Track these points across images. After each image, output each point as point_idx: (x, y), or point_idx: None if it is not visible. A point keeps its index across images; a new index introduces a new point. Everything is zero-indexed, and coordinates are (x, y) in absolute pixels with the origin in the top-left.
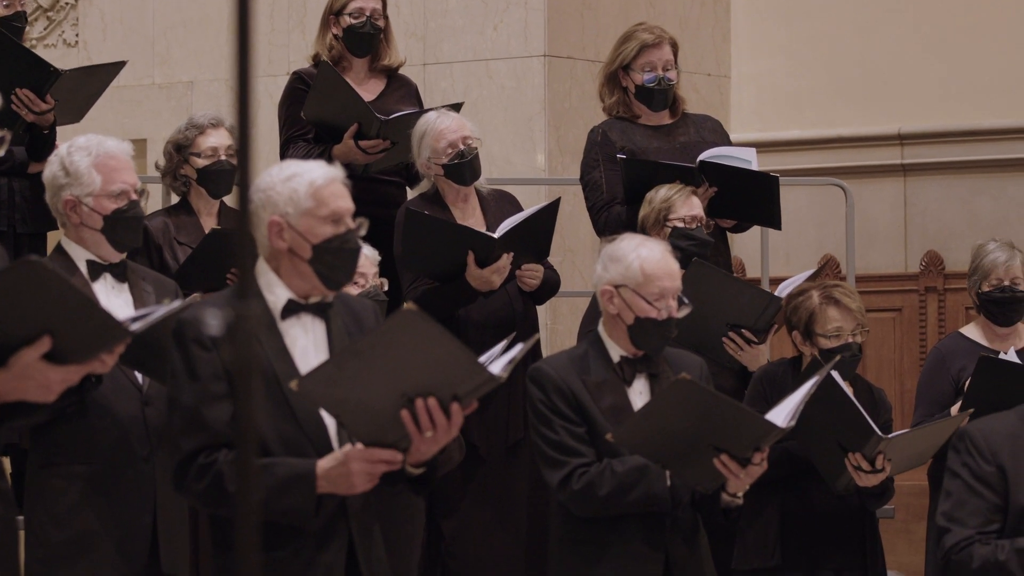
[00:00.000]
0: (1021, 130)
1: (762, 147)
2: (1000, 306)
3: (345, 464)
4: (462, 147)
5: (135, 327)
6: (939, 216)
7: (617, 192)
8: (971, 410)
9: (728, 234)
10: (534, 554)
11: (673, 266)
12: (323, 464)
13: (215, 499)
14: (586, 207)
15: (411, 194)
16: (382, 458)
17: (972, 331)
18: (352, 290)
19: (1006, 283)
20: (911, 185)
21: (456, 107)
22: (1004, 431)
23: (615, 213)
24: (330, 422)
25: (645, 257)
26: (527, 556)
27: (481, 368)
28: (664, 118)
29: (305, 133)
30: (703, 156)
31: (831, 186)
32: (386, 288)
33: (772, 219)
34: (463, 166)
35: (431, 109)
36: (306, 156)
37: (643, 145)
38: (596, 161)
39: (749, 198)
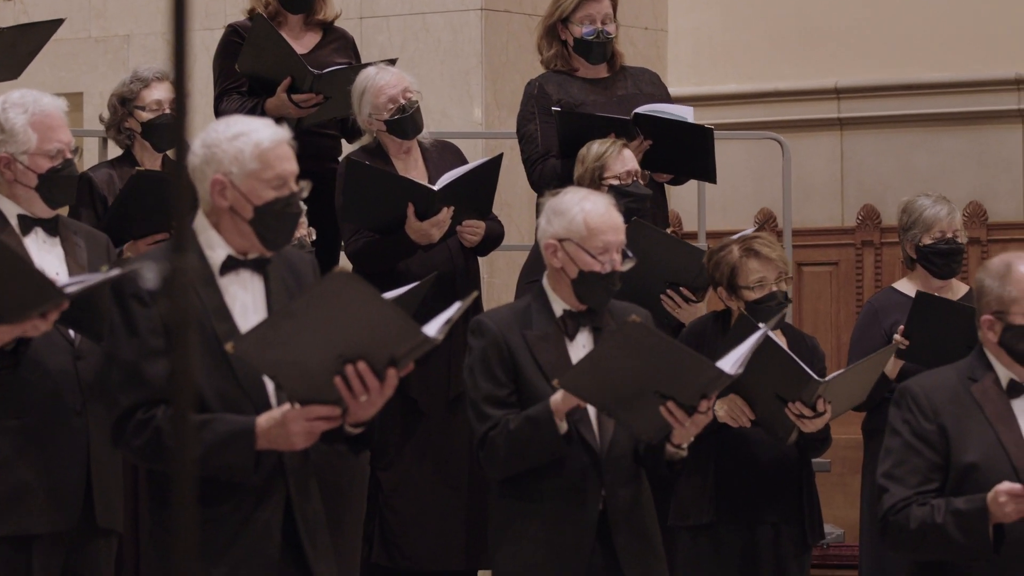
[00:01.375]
0: (957, 84)
1: (699, 101)
2: (944, 257)
3: (284, 422)
4: (403, 101)
5: (71, 291)
6: (876, 170)
7: (552, 145)
8: (900, 339)
9: (665, 187)
10: (474, 507)
11: (617, 219)
12: (262, 421)
13: (153, 455)
14: (521, 160)
15: (351, 148)
16: (320, 415)
17: (905, 286)
18: None
19: (949, 235)
20: (848, 139)
21: (391, 63)
22: (944, 387)
23: (550, 166)
24: (267, 382)
25: (589, 211)
26: (467, 509)
27: (416, 330)
28: (602, 71)
29: (239, 86)
30: (638, 110)
31: (768, 140)
32: (313, 238)
33: (707, 172)
34: (405, 120)
35: (367, 64)
36: (239, 109)
37: (580, 98)
38: (532, 114)
39: (684, 151)
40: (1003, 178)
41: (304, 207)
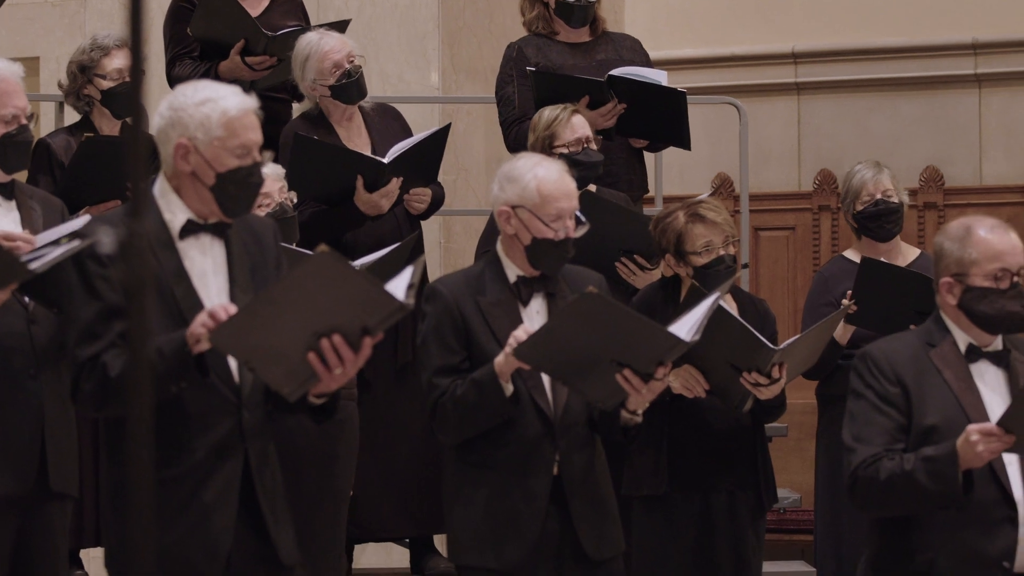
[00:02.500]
0: (914, 49)
1: (656, 66)
2: (877, 220)
3: (194, 321)
4: (348, 66)
5: (34, 266)
6: (833, 135)
7: (529, 108)
8: (847, 307)
9: (643, 153)
10: (424, 475)
11: (570, 186)
12: (187, 330)
13: (103, 395)
14: (499, 122)
15: (294, 113)
16: (223, 308)
17: (854, 254)
18: (258, 212)
19: (878, 196)
20: (805, 104)
21: (342, 25)
22: (905, 352)
23: (525, 128)
24: None
25: (542, 177)
26: (417, 477)
27: (391, 298)
28: (583, 36)
29: (191, 51)
30: (613, 72)
31: (725, 105)
32: (295, 201)
33: (681, 138)
34: (350, 86)
35: (318, 26)
36: (192, 74)
37: (558, 62)
38: (510, 76)
39: (658, 116)
40: (960, 143)
41: (282, 171)
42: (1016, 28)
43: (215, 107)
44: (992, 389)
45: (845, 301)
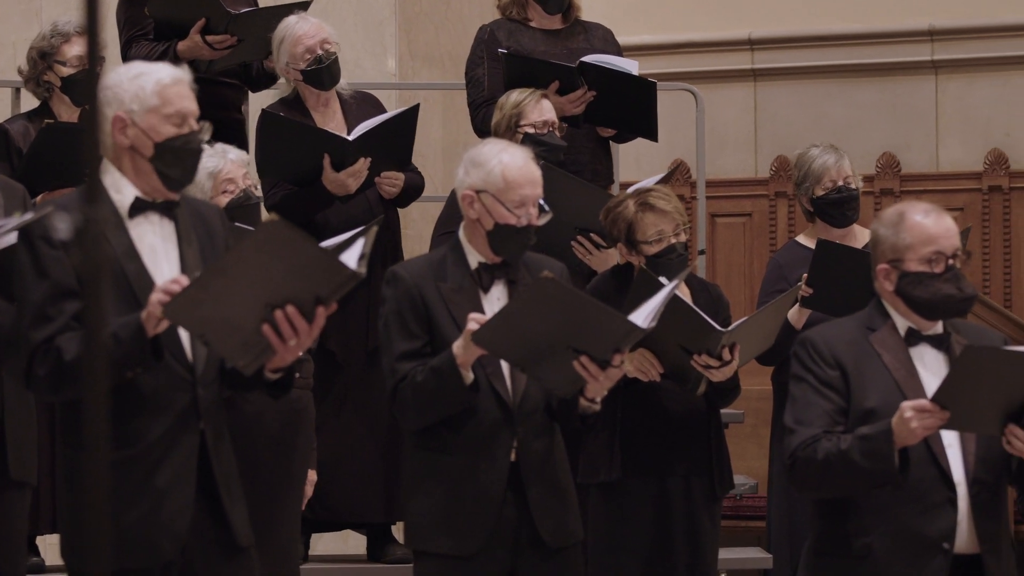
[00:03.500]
0: (870, 35)
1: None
2: (838, 206)
3: (150, 306)
4: (320, 52)
5: None
6: (789, 121)
7: (498, 90)
8: (800, 287)
9: (610, 144)
10: (393, 459)
11: (535, 173)
12: (143, 312)
13: (58, 379)
14: (467, 103)
15: (260, 99)
16: (176, 281)
17: (808, 239)
18: (222, 199)
19: (840, 183)
20: (761, 90)
21: (304, 5)
22: (844, 337)
23: (493, 111)
24: None
25: (507, 163)
26: (386, 461)
27: (342, 267)
28: (556, 23)
29: (146, 33)
30: (584, 58)
31: (681, 91)
32: (258, 192)
33: (650, 129)
34: (321, 71)
35: (282, 7)
36: (150, 55)
37: (530, 48)
38: (481, 58)
39: (627, 105)
40: (916, 129)
41: (246, 157)
42: (972, 15)
43: (148, 79)
44: (932, 372)
45: (801, 284)
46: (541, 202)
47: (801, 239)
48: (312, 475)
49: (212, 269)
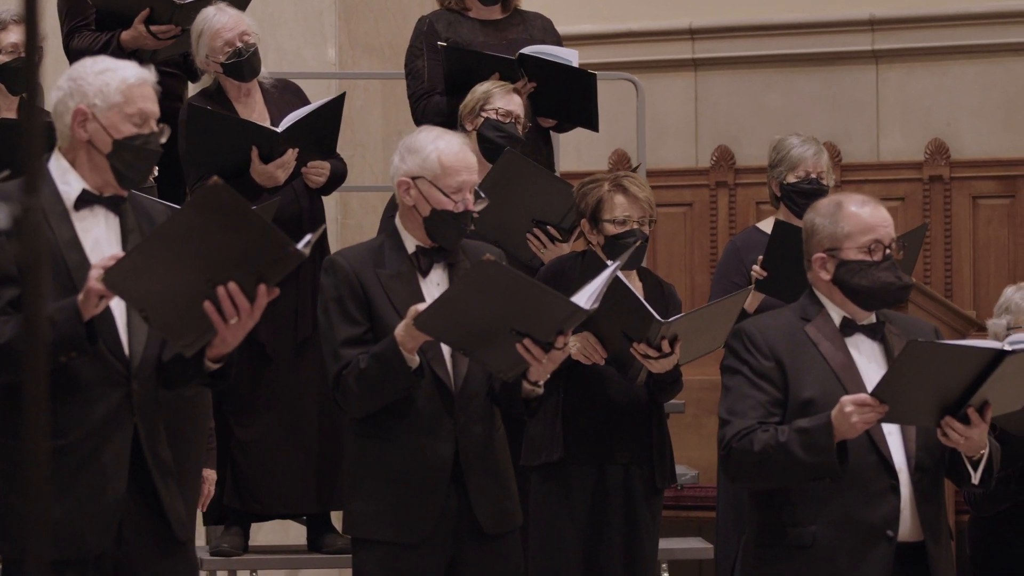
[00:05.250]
0: (811, 25)
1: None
2: (806, 197)
3: (87, 286)
4: (239, 44)
5: None
6: (730, 111)
7: (437, 82)
8: (758, 271)
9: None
10: (325, 450)
11: (471, 159)
12: (79, 295)
13: None
14: (407, 95)
15: (192, 90)
16: (113, 257)
17: (769, 226)
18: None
19: (813, 175)
20: (702, 80)
21: (243, 1)
22: (780, 328)
23: (434, 103)
24: (118, 312)
25: (443, 149)
26: (318, 452)
27: (285, 242)
28: (495, 13)
29: (88, 23)
30: (524, 50)
31: (622, 81)
32: (155, 175)
33: (590, 119)
34: (241, 64)
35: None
36: (92, 45)
37: (469, 38)
38: (420, 50)
39: (568, 96)
40: (857, 119)
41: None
42: (913, 4)
43: (114, 75)
44: (869, 361)
45: (756, 268)
46: (477, 189)
47: (762, 225)
48: (211, 474)
49: (153, 235)
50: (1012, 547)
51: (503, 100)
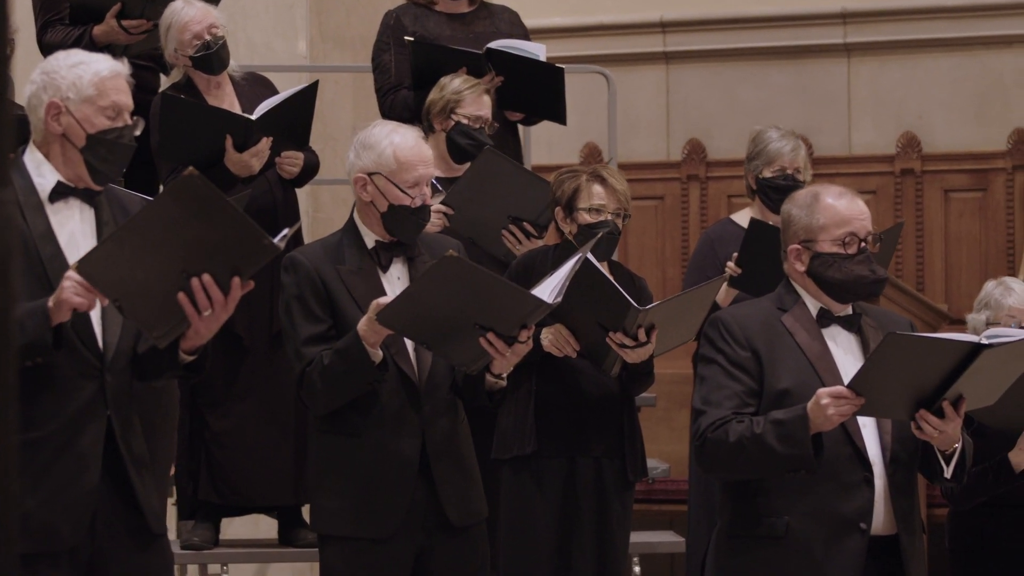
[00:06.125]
0: (783, 18)
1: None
2: (781, 192)
3: (60, 289)
4: (208, 37)
5: None
6: (701, 104)
7: (404, 76)
8: (732, 267)
9: (518, 128)
10: (301, 442)
11: (426, 153)
12: (50, 299)
13: None
14: (375, 90)
15: (165, 84)
16: (92, 289)
17: (743, 218)
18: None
19: (789, 171)
20: (673, 73)
21: None
22: (757, 317)
23: (401, 97)
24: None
25: (398, 144)
26: (294, 444)
27: (260, 235)
28: (462, 6)
29: (62, 16)
30: (491, 44)
31: (593, 74)
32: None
33: (558, 113)
34: (210, 57)
35: None
36: (65, 39)
37: (435, 32)
38: (387, 44)
39: (535, 90)
40: (829, 112)
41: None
42: None
43: (87, 69)
44: (845, 352)
45: (730, 264)
46: (434, 181)
47: (735, 217)
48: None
49: (128, 224)
50: (991, 540)
51: (474, 105)
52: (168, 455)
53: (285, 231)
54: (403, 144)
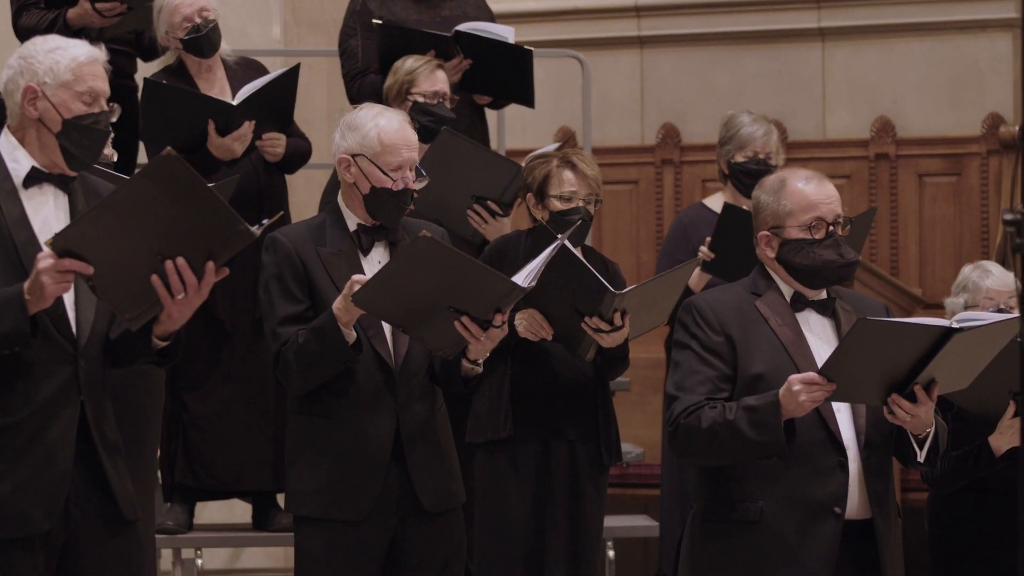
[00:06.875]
0: (757, 2)
1: (498, 19)
2: (753, 177)
3: (36, 275)
4: (198, 20)
5: None
6: (675, 88)
7: (372, 61)
8: (705, 252)
9: (484, 111)
10: (281, 426)
11: (411, 137)
12: (25, 284)
13: None
14: (342, 75)
15: (154, 67)
16: (69, 268)
17: (715, 202)
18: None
19: (761, 156)
20: (648, 57)
21: None
22: (730, 302)
23: (369, 82)
24: (67, 295)
25: (383, 127)
26: (274, 428)
27: (236, 220)
28: None
29: (37, 1)
30: (459, 27)
31: (568, 58)
32: (115, 159)
33: (525, 96)
34: (200, 40)
35: None
36: (40, 22)
37: (402, 17)
38: (353, 29)
39: (503, 73)
40: (803, 97)
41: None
42: None
43: (64, 54)
44: (819, 337)
45: (703, 249)
46: (418, 167)
47: (708, 202)
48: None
49: (104, 202)
50: (971, 524)
51: (428, 81)
52: (155, 438)
53: (265, 220)
54: (388, 127)
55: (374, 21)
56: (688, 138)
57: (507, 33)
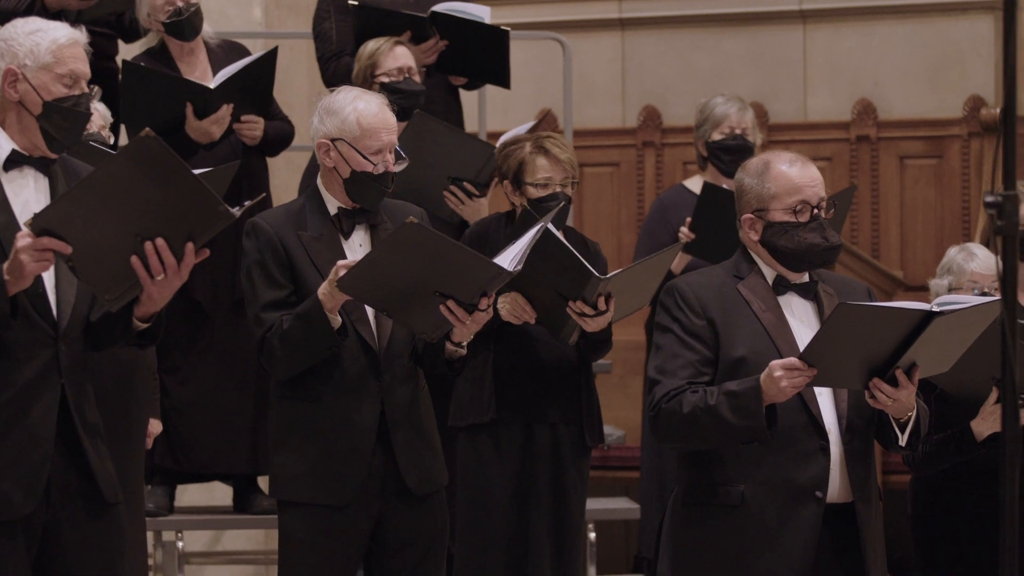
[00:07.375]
0: None
1: (480, 0)
2: (731, 153)
3: (15, 254)
4: (180, 4)
5: None
6: (656, 70)
7: (347, 43)
8: (684, 240)
9: (459, 91)
10: (260, 410)
11: (390, 119)
12: (6, 264)
13: None
14: (316, 58)
15: (137, 49)
16: (48, 246)
17: (695, 184)
18: None
19: (738, 132)
20: (629, 39)
21: None
22: (712, 286)
23: (343, 64)
24: (47, 273)
25: (362, 111)
26: (253, 412)
27: (215, 202)
28: None
29: None
30: (435, 8)
31: (549, 40)
32: (112, 141)
33: (501, 77)
34: (182, 23)
35: None
36: (17, 6)
37: None
38: (327, 12)
39: (480, 53)
40: (784, 79)
41: (111, 118)
42: None
43: (44, 36)
44: (801, 320)
45: (684, 230)
46: (398, 148)
47: (688, 183)
48: (155, 425)
49: (83, 182)
50: (953, 506)
51: (389, 59)
52: (142, 421)
53: (246, 202)
54: (367, 111)
55: (350, 2)
56: (669, 120)
57: (483, 13)
